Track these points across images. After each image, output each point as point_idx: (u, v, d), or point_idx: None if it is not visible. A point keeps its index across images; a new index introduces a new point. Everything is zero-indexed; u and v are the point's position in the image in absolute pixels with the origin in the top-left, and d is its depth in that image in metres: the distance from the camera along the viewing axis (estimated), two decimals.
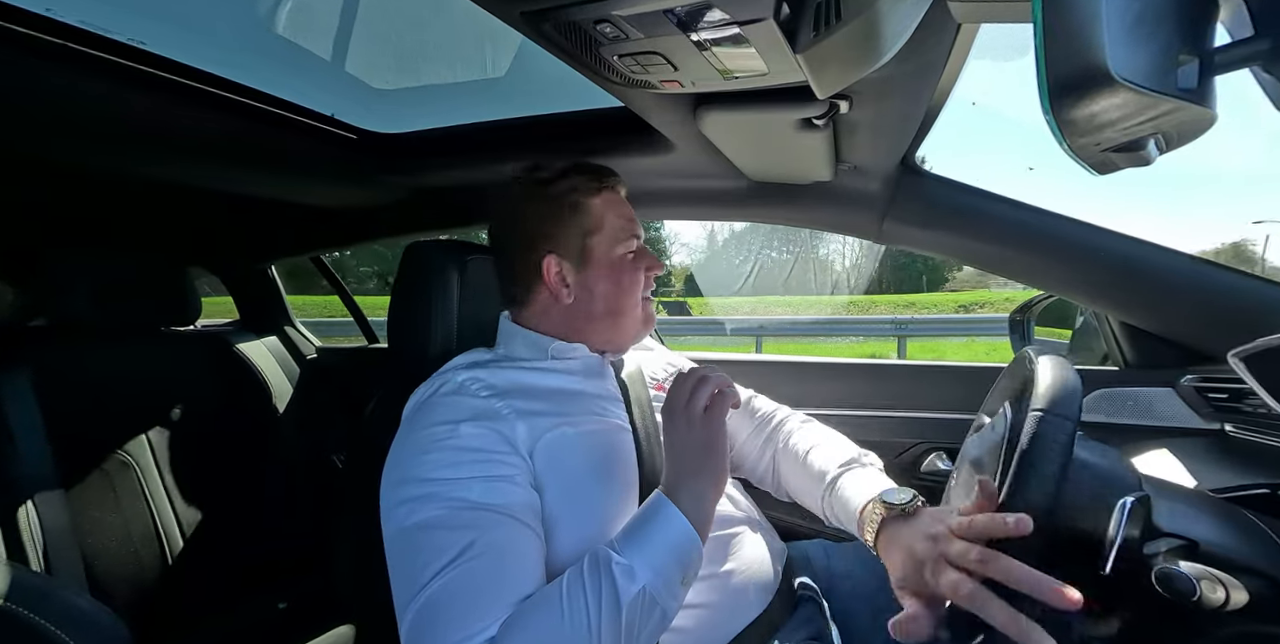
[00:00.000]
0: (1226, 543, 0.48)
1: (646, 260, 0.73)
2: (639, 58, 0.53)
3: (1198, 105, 0.28)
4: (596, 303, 0.70)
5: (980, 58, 0.65)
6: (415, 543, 0.52)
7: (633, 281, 0.71)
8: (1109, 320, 0.93)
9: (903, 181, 0.89)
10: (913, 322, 7.87)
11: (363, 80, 1.04)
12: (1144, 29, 0.27)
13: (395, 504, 0.55)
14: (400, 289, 0.82)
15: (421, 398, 0.64)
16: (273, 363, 1.49)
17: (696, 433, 0.58)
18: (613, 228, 0.71)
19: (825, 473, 0.71)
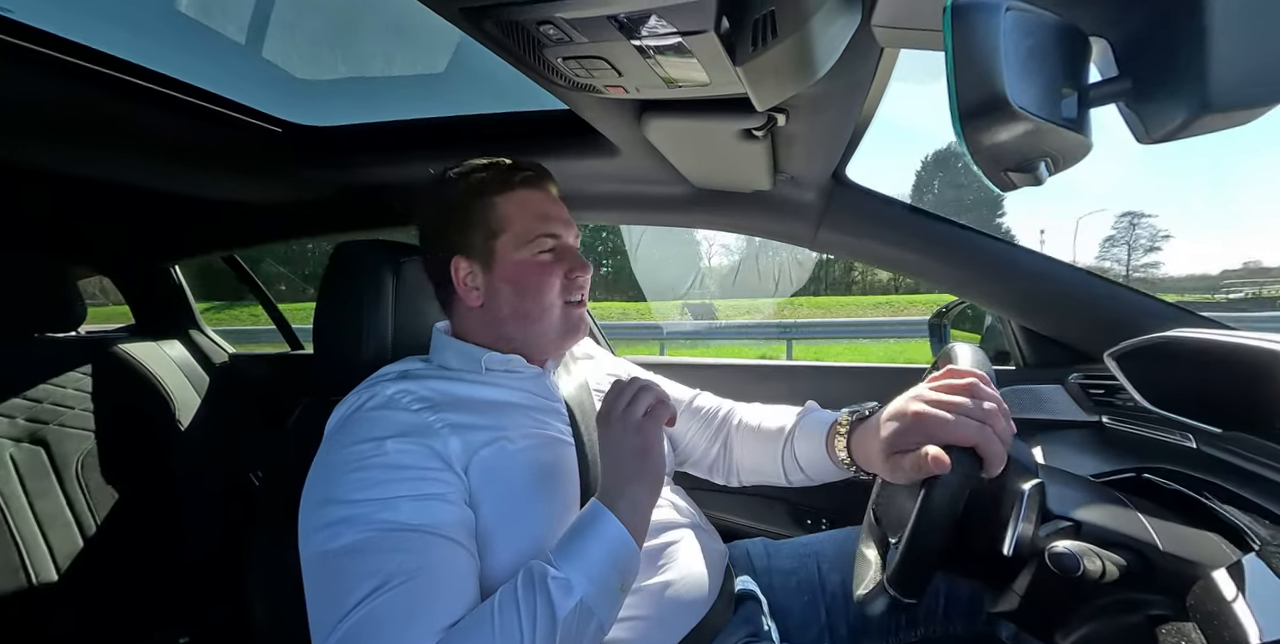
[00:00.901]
0: (1103, 522, 0.54)
1: (568, 263, 0.69)
2: (583, 61, 0.53)
3: (1077, 133, 0.32)
4: (504, 306, 0.68)
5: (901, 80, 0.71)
6: (337, 569, 0.49)
7: (540, 285, 0.67)
8: (1011, 324, 1.03)
9: (835, 193, 0.95)
10: (797, 326, 8.56)
11: (284, 69, 0.98)
12: (1034, 63, 0.30)
13: (316, 527, 0.51)
14: (327, 292, 0.77)
15: (346, 412, 0.60)
16: (174, 370, 1.35)
17: (632, 438, 0.57)
18: (521, 227, 0.67)
19: (784, 427, 0.76)
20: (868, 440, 0.60)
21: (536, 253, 0.68)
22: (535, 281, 0.67)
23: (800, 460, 0.73)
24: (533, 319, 0.68)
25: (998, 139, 0.32)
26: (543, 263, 0.68)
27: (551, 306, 0.68)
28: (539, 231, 0.68)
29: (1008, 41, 0.30)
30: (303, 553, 0.52)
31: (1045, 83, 0.31)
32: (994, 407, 0.50)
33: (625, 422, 0.58)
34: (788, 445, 0.74)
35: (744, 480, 0.83)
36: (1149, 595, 0.52)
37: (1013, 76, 0.30)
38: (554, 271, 0.68)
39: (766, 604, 0.71)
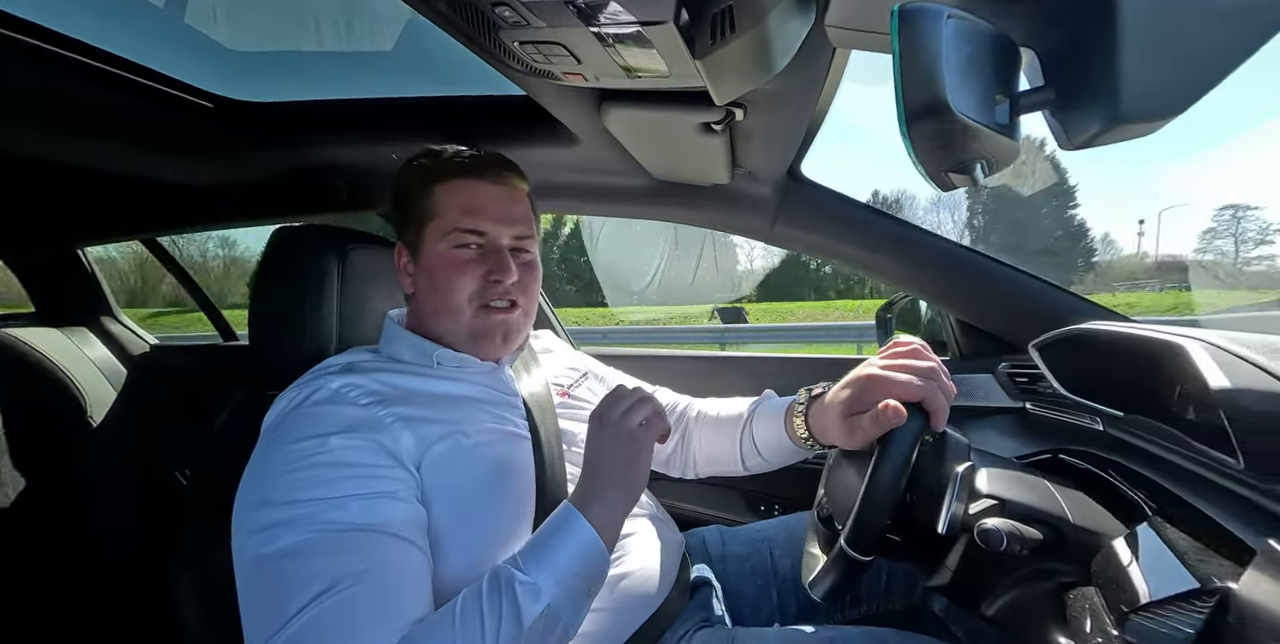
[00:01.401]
0: (1024, 500, 0.59)
1: (489, 263, 0.64)
2: (541, 47, 0.52)
3: (1009, 138, 0.34)
4: (423, 299, 0.66)
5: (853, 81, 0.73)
6: (277, 573, 0.46)
7: (450, 282, 0.64)
8: (949, 317, 1.10)
9: (791, 188, 0.97)
10: (729, 330, 9.10)
11: (211, 38, 0.90)
12: (972, 70, 0.32)
13: (253, 530, 0.48)
14: (265, 279, 0.72)
15: (286, 407, 0.57)
16: (82, 360, 1.23)
17: (623, 445, 0.56)
18: (444, 218, 0.64)
19: (741, 413, 0.79)
20: (825, 412, 0.63)
21: (453, 247, 0.64)
22: (445, 278, 0.64)
23: (758, 444, 0.75)
24: (444, 316, 0.66)
25: (938, 141, 0.34)
26: (457, 259, 0.64)
27: (460, 308, 0.65)
28: (460, 225, 0.64)
29: (949, 48, 0.31)
30: (237, 558, 0.49)
31: (982, 89, 0.33)
32: (935, 367, 0.56)
33: (620, 427, 0.57)
34: (745, 430, 0.77)
35: (700, 471, 0.84)
36: (1060, 565, 0.57)
37: (953, 82, 0.32)
38: (467, 271, 0.64)
39: (720, 589, 0.74)
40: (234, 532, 0.50)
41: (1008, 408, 1.00)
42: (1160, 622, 0.49)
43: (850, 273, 1.11)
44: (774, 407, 0.75)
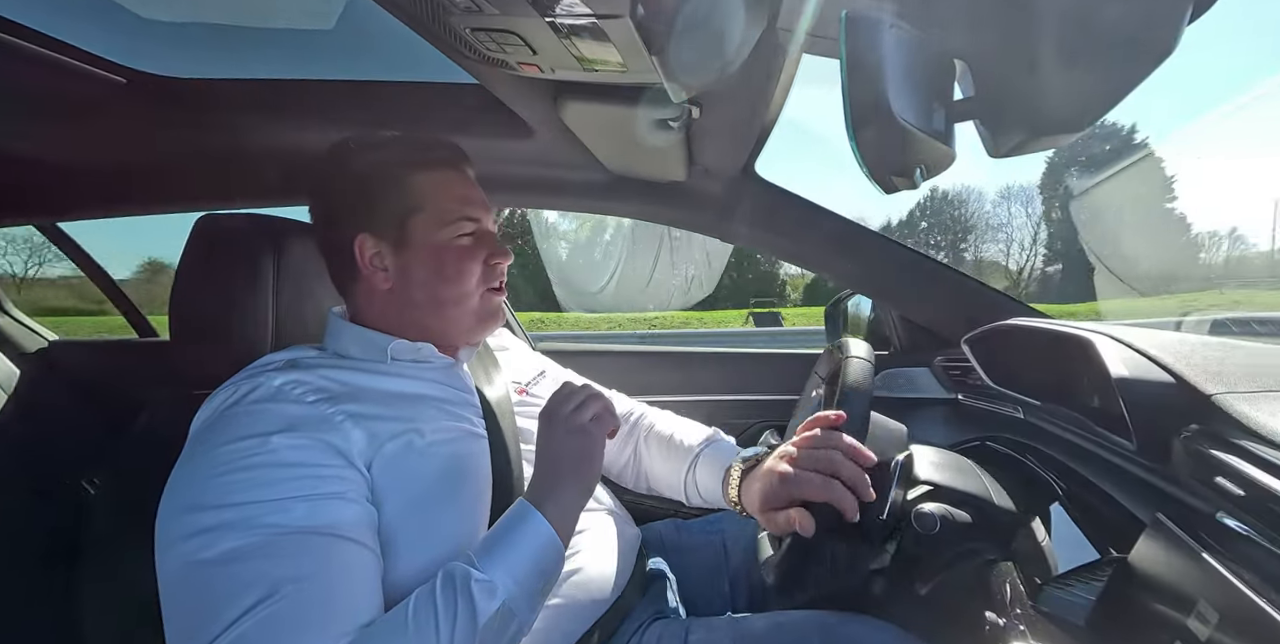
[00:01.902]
0: (954, 484, 0.63)
1: (488, 247, 0.66)
2: (494, 35, 0.51)
3: (944, 144, 0.36)
4: (416, 290, 0.64)
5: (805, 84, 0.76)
6: (213, 579, 0.43)
7: (459, 270, 0.64)
8: (891, 313, 1.16)
9: (745, 187, 0.99)
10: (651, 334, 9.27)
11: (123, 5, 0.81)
12: (911, 79, 0.34)
13: (183, 535, 0.45)
14: (188, 271, 0.67)
15: (221, 406, 0.53)
16: None
17: (575, 440, 0.57)
18: (439, 207, 0.64)
19: (690, 449, 0.79)
20: (752, 489, 0.64)
21: (456, 236, 0.64)
22: (454, 267, 0.64)
23: (700, 489, 0.76)
24: (449, 305, 0.65)
25: (881, 144, 0.36)
26: (462, 247, 0.64)
27: (470, 293, 0.65)
28: (459, 214, 0.64)
29: (891, 56, 0.33)
30: (164, 565, 0.45)
31: (919, 97, 0.35)
32: (840, 457, 0.55)
33: (570, 423, 0.57)
34: (690, 473, 0.77)
35: (651, 488, 0.85)
36: (985, 544, 0.61)
37: (895, 89, 0.33)
38: (474, 257, 0.65)
39: (675, 581, 0.75)
40: (159, 539, 0.46)
41: (942, 399, 1.07)
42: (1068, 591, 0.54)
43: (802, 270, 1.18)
44: (716, 459, 0.75)
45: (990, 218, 30.79)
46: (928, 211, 32.13)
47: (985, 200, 44.65)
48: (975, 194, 44.16)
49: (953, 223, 28.49)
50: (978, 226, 32.40)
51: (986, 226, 28.68)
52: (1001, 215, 35.75)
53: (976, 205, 37.16)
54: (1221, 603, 0.38)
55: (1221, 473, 0.43)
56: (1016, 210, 41.85)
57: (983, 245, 21.60)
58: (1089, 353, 0.58)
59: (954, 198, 37.96)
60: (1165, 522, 0.47)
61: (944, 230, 22.21)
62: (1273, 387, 0.47)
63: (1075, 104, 0.31)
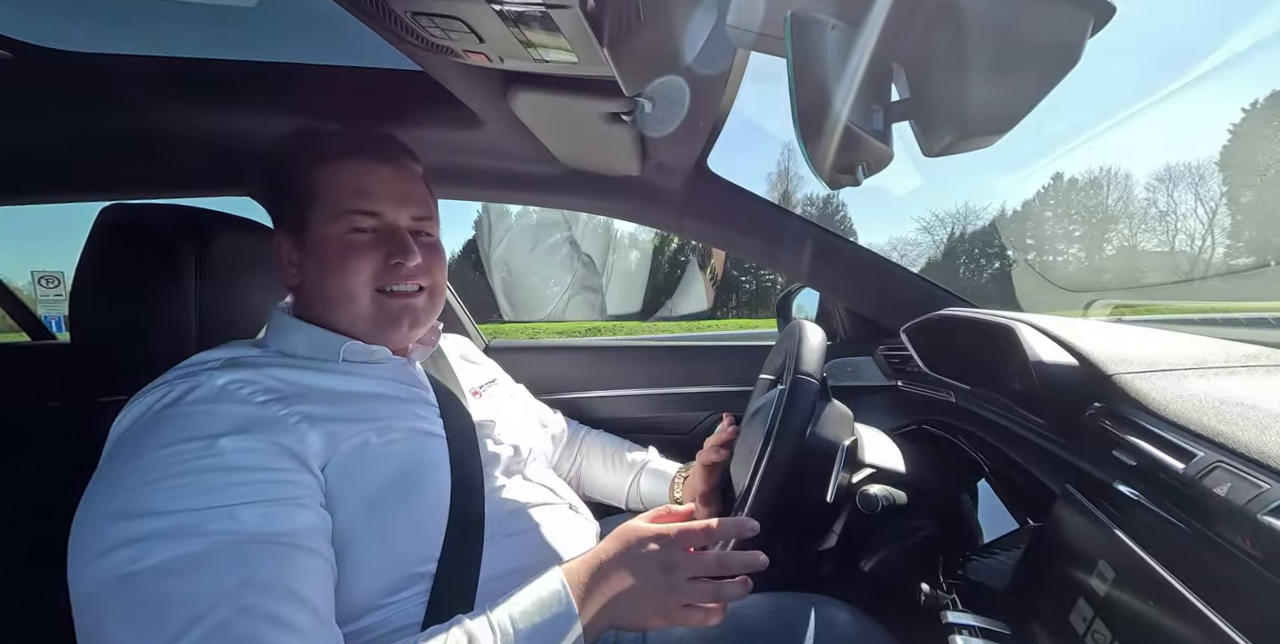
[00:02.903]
0: (894, 466, 0.68)
1: (388, 245, 0.61)
2: (438, 20, 0.49)
3: (882, 144, 0.38)
4: (313, 287, 0.62)
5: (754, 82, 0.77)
6: (147, 592, 0.40)
7: (343, 267, 0.60)
8: (838, 304, 1.21)
9: (698, 183, 1.01)
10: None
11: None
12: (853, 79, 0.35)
13: (110, 547, 0.41)
14: (94, 266, 0.61)
15: (153, 407, 0.49)
16: None
17: (661, 594, 0.48)
18: (330, 200, 0.60)
19: (632, 465, 0.93)
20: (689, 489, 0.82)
21: (347, 231, 0.60)
22: (338, 264, 0.60)
23: (643, 496, 0.91)
24: (337, 304, 0.61)
25: (826, 142, 0.37)
26: (351, 243, 0.60)
27: (357, 294, 0.61)
28: (350, 206, 0.60)
29: (834, 57, 0.34)
30: (83, 583, 0.41)
31: (861, 97, 0.36)
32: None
33: (677, 570, 0.48)
34: (634, 485, 0.91)
35: (587, 495, 0.96)
36: (922, 520, 0.66)
37: (838, 89, 0.35)
38: (363, 255, 0.60)
39: None
40: (75, 554, 0.42)
41: (884, 386, 1.13)
42: (993, 559, 0.59)
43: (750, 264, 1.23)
44: (659, 474, 0.90)
45: (1154, 202, 25.76)
46: (1049, 201, 28.46)
47: (1134, 184, 35.58)
48: (1124, 178, 34.79)
49: (1088, 213, 25.46)
50: (1122, 216, 28.66)
51: (1145, 215, 24.45)
52: (1164, 202, 29.44)
53: (1126, 189, 30.09)
54: (1117, 562, 0.43)
55: (1119, 446, 0.48)
56: (1183, 196, 33.11)
57: (1138, 236, 19.23)
58: (1012, 339, 0.63)
59: (1086, 184, 30.77)
60: (1073, 492, 0.52)
61: (1073, 220, 20.36)
62: (1164, 366, 0.53)
63: (997, 108, 0.34)
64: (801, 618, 0.61)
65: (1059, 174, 27.05)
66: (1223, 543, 0.37)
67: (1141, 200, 25.29)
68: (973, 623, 0.52)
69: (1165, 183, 24.94)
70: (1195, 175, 24.85)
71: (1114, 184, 24.64)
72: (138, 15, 0.81)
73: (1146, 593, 0.40)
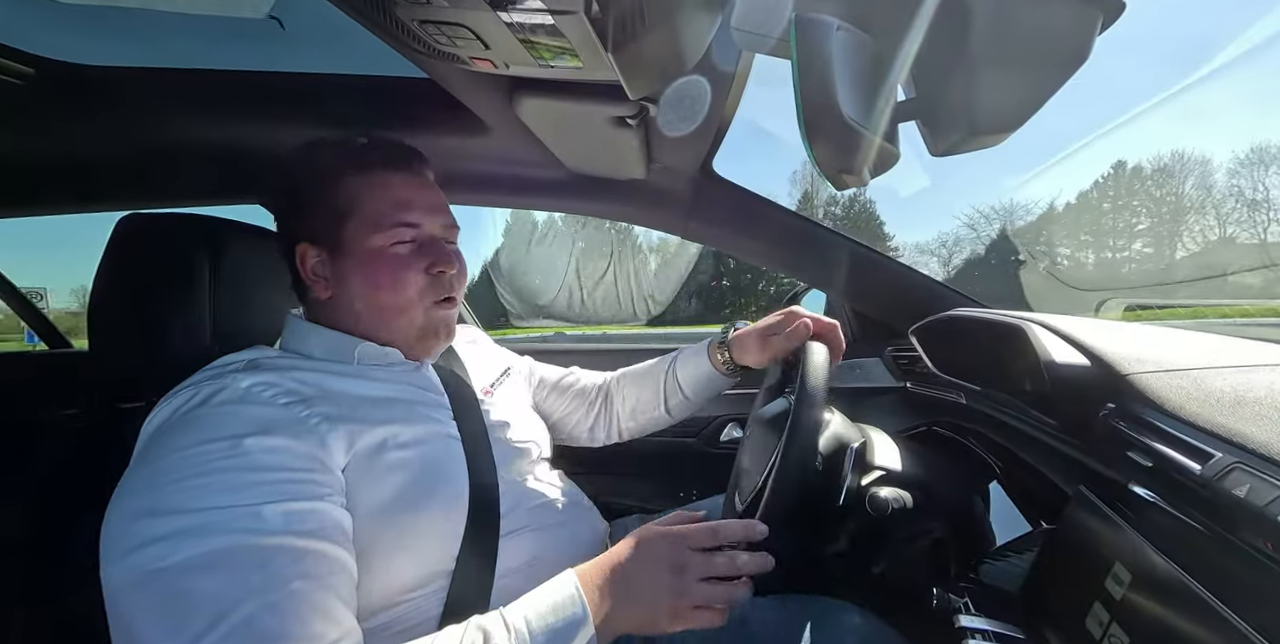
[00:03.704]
0: (903, 468, 0.67)
1: (430, 256, 0.62)
2: (444, 28, 0.49)
3: (888, 144, 0.38)
4: (354, 300, 0.62)
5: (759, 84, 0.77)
6: (173, 588, 0.40)
7: (395, 280, 0.60)
8: (845, 306, 1.21)
9: (704, 185, 1.01)
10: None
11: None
12: (859, 80, 0.35)
13: (139, 544, 0.42)
14: (112, 274, 0.62)
15: (181, 408, 0.50)
16: None
17: (669, 595, 0.48)
18: (371, 212, 0.60)
19: (662, 363, 0.89)
20: (744, 337, 0.80)
21: (391, 243, 0.61)
22: (389, 277, 0.60)
23: (681, 381, 0.85)
24: (391, 316, 0.62)
25: (832, 143, 0.37)
26: (398, 255, 0.61)
27: (410, 306, 0.62)
28: (395, 219, 0.61)
29: (840, 58, 0.34)
30: (116, 579, 0.42)
31: (866, 98, 0.36)
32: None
33: (687, 572, 0.48)
34: (669, 372, 0.86)
35: (624, 428, 0.91)
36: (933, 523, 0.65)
37: (844, 90, 0.35)
38: (411, 266, 0.61)
39: None
40: (106, 551, 0.43)
41: (892, 387, 1.13)
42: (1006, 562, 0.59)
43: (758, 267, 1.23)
44: (695, 347, 0.87)
45: (1159, 202, 23.44)
46: (1060, 199, 25.80)
47: (1213, 169, 30.74)
48: (1132, 176, 30.67)
49: (1155, 203, 23.11)
50: (1137, 213, 26.08)
51: (1159, 213, 22.40)
52: (1247, 187, 26.49)
53: (1199, 177, 27.07)
54: (1133, 565, 0.42)
55: (1133, 447, 0.47)
56: (1275, 179, 29.20)
57: (1151, 234, 18.01)
58: (1022, 339, 0.63)
59: (1097, 182, 28.07)
60: (1086, 493, 0.51)
61: (1085, 218, 19.21)
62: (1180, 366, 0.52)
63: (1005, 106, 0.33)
64: (813, 621, 0.60)
65: (1070, 172, 26.73)
66: (1243, 545, 0.36)
67: (1155, 197, 24.66)
68: (986, 627, 0.52)
69: (1177, 178, 24.47)
70: (1204, 170, 24.25)
71: (1127, 181, 24.17)
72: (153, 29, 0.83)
73: (1164, 596, 0.39)
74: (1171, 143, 35.54)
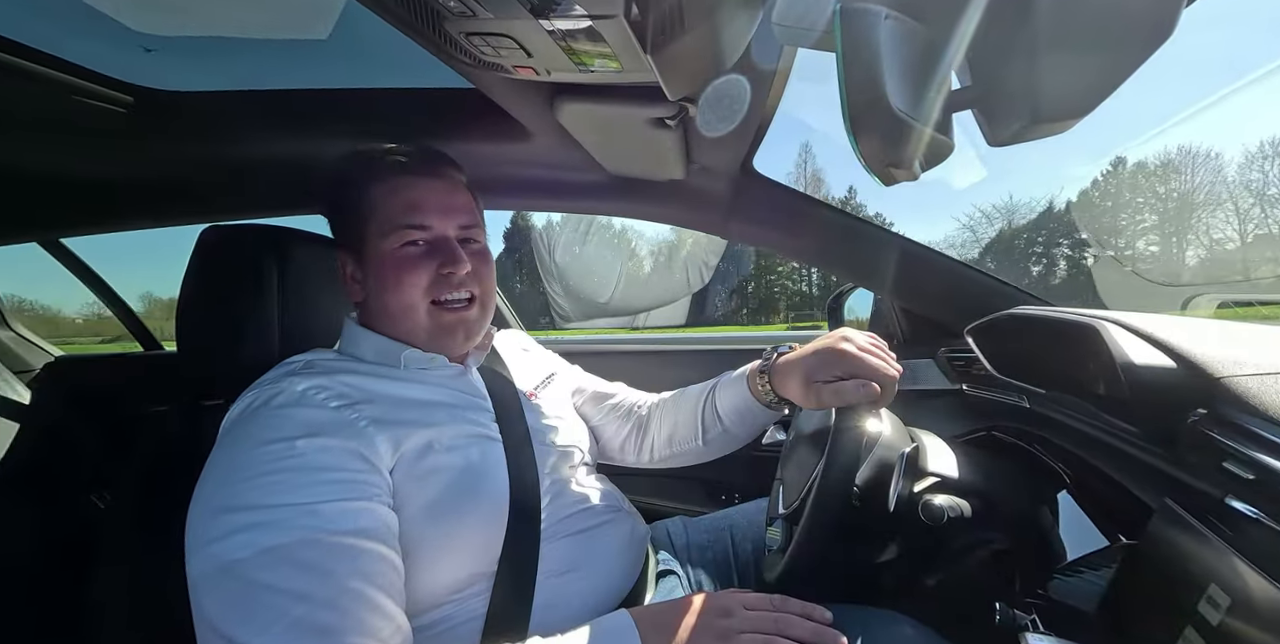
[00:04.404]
0: (960, 474, 0.64)
1: (439, 257, 0.63)
2: (489, 39, 0.51)
3: (942, 135, 0.36)
4: (374, 302, 0.65)
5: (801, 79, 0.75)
6: (245, 580, 0.44)
7: (400, 281, 0.62)
8: (894, 305, 1.16)
9: (744, 184, 0.99)
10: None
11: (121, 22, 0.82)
12: (909, 69, 0.34)
13: (215, 537, 0.45)
14: (195, 283, 0.68)
15: (247, 409, 0.54)
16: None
17: (719, 630, 0.49)
18: (385, 216, 0.63)
19: (704, 388, 0.82)
20: (788, 372, 0.69)
21: (400, 245, 0.63)
22: (395, 277, 0.62)
23: (720, 409, 0.78)
24: (399, 317, 0.64)
25: (880, 137, 0.36)
26: (404, 257, 0.63)
27: (414, 306, 0.63)
28: (403, 221, 0.62)
29: (888, 48, 0.33)
30: (197, 569, 0.45)
31: (917, 88, 0.35)
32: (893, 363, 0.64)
33: (734, 618, 0.49)
34: (708, 400, 0.80)
35: (657, 455, 0.85)
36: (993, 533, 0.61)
37: (892, 80, 0.33)
38: (417, 267, 0.62)
39: (685, 578, 0.75)
40: (191, 539, 0.47)
41: (946, 390, 1.07)
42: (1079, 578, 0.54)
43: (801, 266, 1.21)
44: (735, 374, 0.79)
45: (1234, 184, 22.78)
46: (1138, 188, 22.56)
47: (1225, 164, 29.18)
48: (1200, 158, 28.53)
49: (1183, 199, 20.86)
50: (1224, 202, 23.29)
51: (1260, 199, 20.23)
52: (1257, 177, 24.03)
53: (1205, 173, 24.69)
54: (1233, 587, 0.38)
55: (1230, 457, 0.43)
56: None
57: (1247, 223, 16.13)
58: (1095, 339, 0.58)
59: (1181, 167, 25.30)
60: (1174, 507, 0.47)
61: (1166, 207, 16.98)
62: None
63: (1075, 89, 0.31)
64: (865, 633, 0.58)
65: (1148, 157, 23.96)
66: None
67: (1255, 184, 21.64)
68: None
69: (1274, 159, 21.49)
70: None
71: (1217, 167, 21.37)
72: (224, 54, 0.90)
73: (1271, 623, 0.35)
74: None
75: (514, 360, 0.80)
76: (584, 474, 0.74)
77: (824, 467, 0.56)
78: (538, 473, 0.64)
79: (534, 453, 0.66)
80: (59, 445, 1.13)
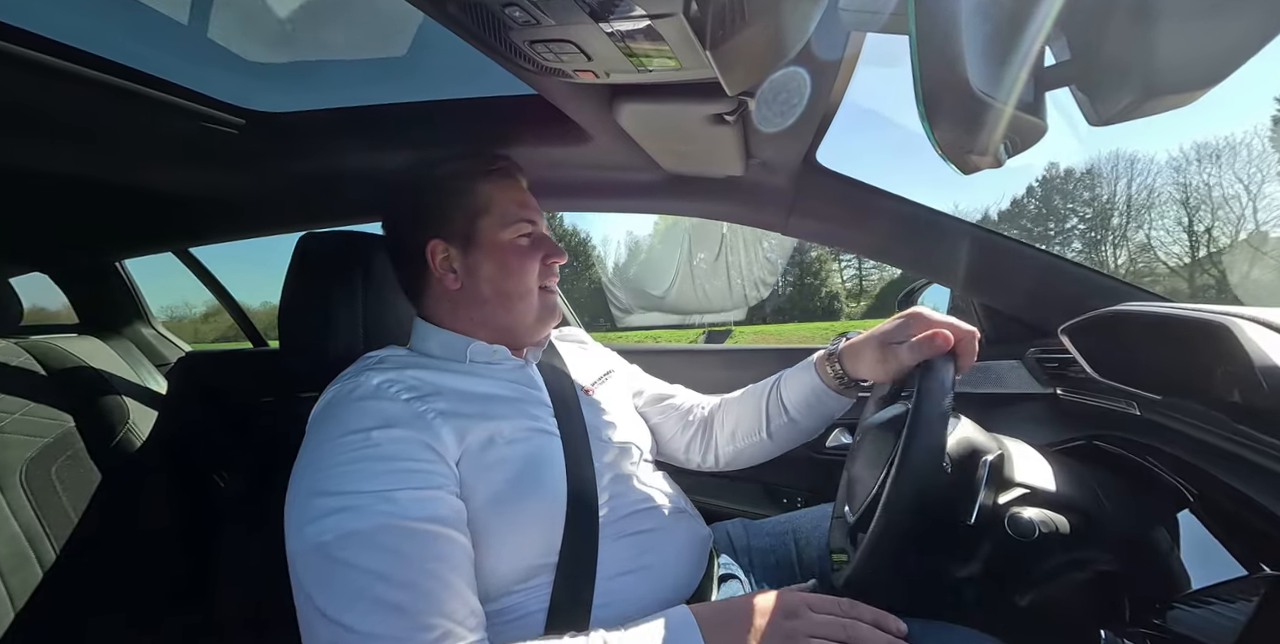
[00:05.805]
0: (1054, 488, 0.58)
1: (545, 248, 0.72)
2: (551, 45, 0.52)
3: (1033, 116, 0.33)
4: (483, 286, 0.70)
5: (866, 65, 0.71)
6: (335, 562, 0.48)
7: (521, 267, 0.70)
8: (974, 302, 1.07)
9: (806, 178, 0.96)
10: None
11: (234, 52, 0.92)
12: (993, 47, 0.31)
13: (308, 520, 0.50)
14: (293, 286, 0.75)
15: (330, 401, 0.59)
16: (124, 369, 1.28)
17: (786, 631, 0.48)
18: (501, 210, 0.71)
19: (768, 383, 0.83)
20: (860, 347, 0.71)
21: (517, 236, 0.71)
22: (517, 264, 0.70)
23: (786, 400, 0.78)
24: (514, 300, 0.71)
25: (959, 122, 0.33)
26: (523, 247, 0.71)
27: (530, 290, 0.71)
28: (519, 216, 0.71)
29: (968, 25, 0.31)
30: (293, 546, 0.50)
31: (1003, 67, 0.32)
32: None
33: (800, 620, 0.49)
34: (773, 392, 0.80)
35: (721, 454, 0.85)
36: (1096, 553, 0.55)
37: (973, 60, 0.31)
38: (533, 256, 0.71)
39: (748, 583, 0.74)
40: (289, 519, 0.52)
41: (1038, 394, 0.98)
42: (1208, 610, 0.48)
43: (869, 261, 1.13)
44: (802, 364, 0.80)
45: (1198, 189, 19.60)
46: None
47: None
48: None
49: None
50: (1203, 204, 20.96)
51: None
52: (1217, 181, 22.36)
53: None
54: None
55: None
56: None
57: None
58: (1225, 339, 0.51)
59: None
60: None
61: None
62: None
63: (1198, 59, 0.27)
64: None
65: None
66: None
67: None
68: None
69: None
70: None
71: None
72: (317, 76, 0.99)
73: None
74: None
75: (571, 356, 0.82)
76: (646, 472, 0.74)
77: (905, 440, 0.52)
78: (594, 467, 0.65)
79: (590, 447, 0.67)
80: (190, 428, 1.30)
